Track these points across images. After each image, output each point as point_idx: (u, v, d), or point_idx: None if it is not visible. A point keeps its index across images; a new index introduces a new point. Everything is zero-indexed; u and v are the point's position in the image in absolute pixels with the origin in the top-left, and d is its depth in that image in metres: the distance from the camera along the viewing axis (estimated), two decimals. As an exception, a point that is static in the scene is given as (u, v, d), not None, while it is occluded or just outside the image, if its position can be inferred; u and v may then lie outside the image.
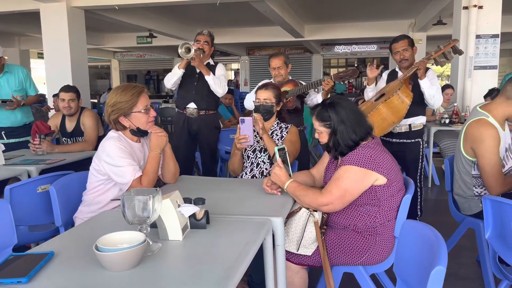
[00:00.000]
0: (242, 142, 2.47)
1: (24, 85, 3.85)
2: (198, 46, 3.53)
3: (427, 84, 3.09)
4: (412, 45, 3.28)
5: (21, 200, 2.24)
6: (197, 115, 3.68)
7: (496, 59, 5.53)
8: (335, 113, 1.93)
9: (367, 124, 1.98)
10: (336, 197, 1.84)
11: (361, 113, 2.01)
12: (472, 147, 2.35)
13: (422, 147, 3.34)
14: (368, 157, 1.83)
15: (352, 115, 1.93)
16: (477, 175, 2.40)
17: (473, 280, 2.69)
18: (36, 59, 14.66)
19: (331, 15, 9.71)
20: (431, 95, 3.12)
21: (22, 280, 1.14)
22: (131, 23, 8.61)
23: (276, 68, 3.42)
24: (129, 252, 1.20)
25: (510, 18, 8.43)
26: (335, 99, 2.01)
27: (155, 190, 1.34)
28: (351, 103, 2.02)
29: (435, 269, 1.19)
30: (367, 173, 1.82)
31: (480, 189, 2.42)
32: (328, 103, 1.98)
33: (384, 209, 1.88)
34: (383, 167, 1.84)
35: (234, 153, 2.60)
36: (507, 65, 15.28)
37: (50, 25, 6.10)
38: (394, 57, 3.29)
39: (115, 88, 2.08)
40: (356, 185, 1.84)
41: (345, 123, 1.91)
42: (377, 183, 1.84)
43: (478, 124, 2.32)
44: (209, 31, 3.70)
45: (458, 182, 2.54)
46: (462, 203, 2.54)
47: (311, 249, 1.91)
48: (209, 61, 3.71)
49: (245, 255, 1.32)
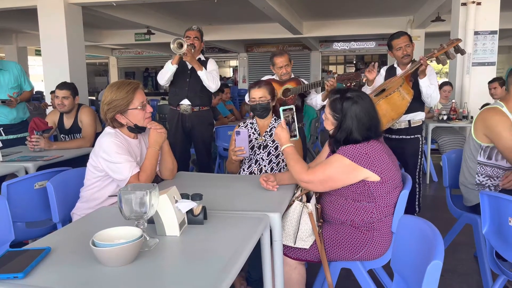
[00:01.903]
0: (238, 154, 2.49)
1: (19, 81, 3.84)
2: (189, 42, 3.51)
3: (427, 83, 3.10)
4: (411, 41, 3.28)
5: (18, 197, 2.24)
6: (191, 111, 3.67)
7: (495, 55, 5.54)
8: (348, 110, 1.87)
9: (377, 131, 1.91)
10: (318, 179, 1.89)
11: (376, 117, 1.93)
12: (485, 133, 2.38)
13: (421, 143, 3.35)
14: (364, 153, 1.82)
15: (365, 118, 1.87)
16: (482, 162, 2.41)
17: (471, 275, 2.69)
18: (34, 56, 14.62)
19: (329, 12, 9.70)
20: (428, 94, 3.13)
21: (18, 276, 1.14)
22: (129, 20, 8.59)
23: (283, 66, 3.41)
24: (125, 248, 1.20)
25: (508, 14, 8.44)
26: (356, 95, 1.92)
27: (152, 185, 1.34)
28: (370, 105, 1.93)
29: (431, 263, 1.19)
30: (357, 168, 1.82)
31: (482, 178, 2.43)
32: (347, 97, 1.90)
33: (380, 205, 1.88)
34: (376, 165, 1.83)
35: (230, 161, 2.62)
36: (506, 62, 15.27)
37: (47, 21, 6.08)
38: (395, 53, 3.26)
39: (109, 86, 2.06)
40: (342, 176, 1.85)
41: (353, 123, 1.86)
42: (369, 179, 1.84)
43: (492, 111, 2.37)
44: (198, 27, 3.69)
45: (463, 170, 2.56)
46: (465, 193, 2.56)
47: (308, 242, 1.92)
48: (200, 56, 3.70)
49: (242, 250, 1.32)
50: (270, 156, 2.60)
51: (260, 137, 2.64)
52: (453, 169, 2.79)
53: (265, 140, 2.62)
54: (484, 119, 2.39)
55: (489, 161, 2.39)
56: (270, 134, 2.63)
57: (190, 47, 3.45)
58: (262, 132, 2.66)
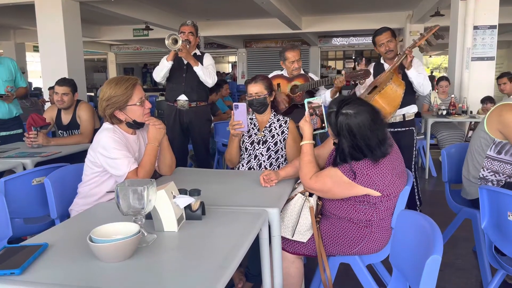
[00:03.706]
0: (236, 128, 2.47)
1: (13, 76, 3.82)
2: (184, 38, 3.49)
3: (415, 73, 3.19)
4: (395, 36, 3.35)
5: (16, 193, 2.23)
6: (189, 107, 3.65)
7: (494, 50, 5.53)
8: (342, 126, 1.77)
9: (374, 152, 1.76)
10: (319, 189, 1.90)
11: (373, 137, 1.75)
12: (499, 128, 2.33)
13: (415, 135, 3.42)
14: (365, 174, 1.78)
15: (359, 136, 1.74)
16: (491, 156, 2.38)
17: (470, 270, 2.70)
18: (32, 52, 14.57)
19: (328, 7, 9.67)
20: (419, 83, 3.22)
21: (15, 272, 1.14)
22: (127, 16, 8.56)
23: (295, 60, 3.39)
24: (122, 243, 1.19)
25: (507, 9, 8.41)
26: (353, 113, 1.76)
27: (150, 181, 1.33)
28: (367, 123, 1.75)
29: (430, 258, 1.18)
30: (356, 186, 1.80)
31: (487, 172, 2.41)
32: (342, 113, 1.78)
33: (381, 209, 1.86)
34: (377, 184, 1.78)
35: (231, 139, 2.59)
36: (505, 57, 15.26)
37: (45, 17, 6.06)
38: (379, 49, 3.36)
39: (108, 82, 2.04)
40: (342, 191, 1.85)
41: (347, 141, 1.77)
42: (370, 194, 1.82)
43: (509, 107, 2.32)
44: (193, 21, 3.67)
45: (467, 163, 2.53)
46: (466, 186, 2.55)
47: (306, 236, 1.91)
48: (196, 51, 3.68)
49: (240, 245, 1.32)
50: (269, 151, 2.59)
51: (259, 133, 2.63)
52: (452, 164, 2.79)
53: (265, 136, 2.61)
54: (499, 115, 2.33)
55: (499, 156, 2.36)
56: (270, 129, 2.62)
57: (185, 43, 3.43)
58: (261, 127, 2.65)
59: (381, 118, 1.82)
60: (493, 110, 2.40)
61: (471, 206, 2.55)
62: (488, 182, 2.41)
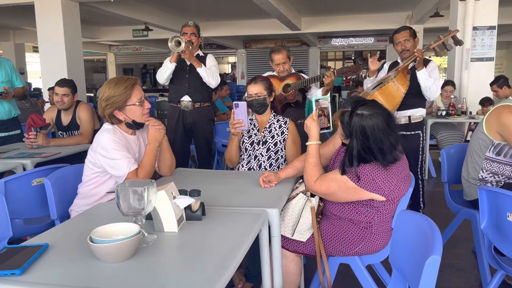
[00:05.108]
0: (236, 127, 2.47)
1: (9, 77, 3.81)
2: (186, 39, 3.49)
3: (424, 75, 3.11)
4: (414, 36, 3.28)
5: (16, 193, 2.23)
6: (192, 107, 3.66)
7: (493, 51, 5.53)
8: (355, 127, 1.73)
9: (391, 156, 1.72)
10: (322, 192, 1.88)
11: (387, 141, 1.72)
12: (499, 130, 2.32)
13: (422, 140, 3.34)
14: (370, 180, 1.75)
15: (372, 139, 1.71)
16: (490, 157, 2.38)
17: (469, 270, 2.70)
18: (32, 53, 14.56)
19: (328, 7, 9.67)
20: (426, 87, 3.14)
21: (16, 272, 1.14)
22: (126, 16, 8.56)
23: (280, 64, 3.39)
24: (123, 244, 1.20)
25: (507, 10, 8.43)
26: (368, 114, 1.73)
27: (150, 181, 1.34)
28: (381, 126, 1.72)
29: (429, 258, 1.19)
30: (362, 191, 1.78)
31: (486, 174, 2.41)
32: (357, 113, 1.74)
33: (383, 212, 1.86)
34: (383, 189, 1.76)
35: (231, 138, 2.59)
36: (504, 57, 15.28)
37: (44, 18, 6.06)
38: (396, 48, 3.32)
39: (107, 82, 2.05)
40: (347, 196, 1.82)
41: (358, 143, 1.72)
42: (375, 198, 1.80)
43: (508, 109, 2.30)
44: (195, 22, 3.67)
45: (467, 164, 2.53)
46: (466, 187, 2.55)
47: (306, 235, 1.91)
48: (198, 52, 3.69)
49: (240, 246, 1.32)
50: (269, 152, 2.59)
51: (259, 133, 2.63)
52: (452, 164, 2.79)
53: (264, 136, 2.61)
54: (498, 116, 2.32)
55: (498, 157, 2.35)
56: (270, 130, 2.62)
57: (188, 44, 3.44)
58: (261, 128, 2.65)
59: (395, 123, 1.78)
60: (491, 111, 2.39)
61: (471, 207, 2.55)
62: (487, 183, 2.41)
